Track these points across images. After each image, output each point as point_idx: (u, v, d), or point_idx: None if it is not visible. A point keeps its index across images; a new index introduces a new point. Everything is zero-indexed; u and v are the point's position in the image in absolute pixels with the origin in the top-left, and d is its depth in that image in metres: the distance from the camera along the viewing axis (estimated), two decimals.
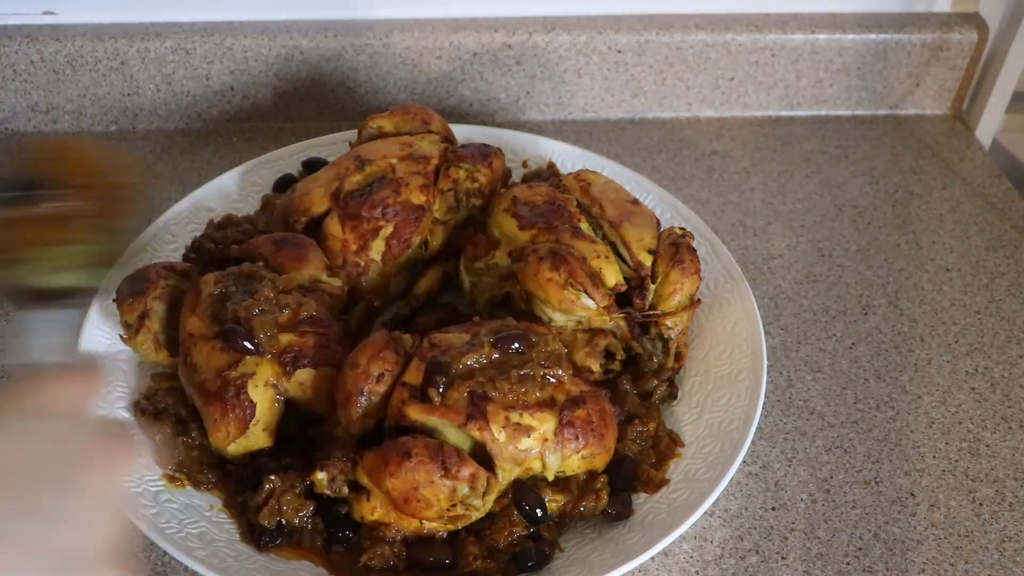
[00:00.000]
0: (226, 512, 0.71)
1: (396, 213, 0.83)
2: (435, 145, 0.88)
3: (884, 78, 1.14)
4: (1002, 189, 1.06)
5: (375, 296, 0.84)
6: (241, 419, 0.70)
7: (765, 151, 1.11)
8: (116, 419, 0.61)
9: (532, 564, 0.68)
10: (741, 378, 0.78)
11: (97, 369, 0.45)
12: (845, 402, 0.83)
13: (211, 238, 0.88)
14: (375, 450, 0.67)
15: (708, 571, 0.71)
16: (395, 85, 1.10)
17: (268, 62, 1.07)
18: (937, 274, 0.96)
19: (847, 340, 0.89)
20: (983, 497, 0.76)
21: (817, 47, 1.11)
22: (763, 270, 0.96)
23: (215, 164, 1.06)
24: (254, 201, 0.95)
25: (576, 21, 1.09)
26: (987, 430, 0.81)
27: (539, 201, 0.84)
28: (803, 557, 0.72)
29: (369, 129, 0.92)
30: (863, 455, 0.79)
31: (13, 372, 0.80)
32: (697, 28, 1.09)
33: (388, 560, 0.68)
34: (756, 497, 0.76)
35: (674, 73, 1.12)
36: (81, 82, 1.07)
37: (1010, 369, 0.87)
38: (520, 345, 0.71)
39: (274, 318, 0.73)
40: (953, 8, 1.13)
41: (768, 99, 1.15)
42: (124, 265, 0.85)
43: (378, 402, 0.70)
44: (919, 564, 0.72)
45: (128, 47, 1.05)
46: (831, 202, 1.04)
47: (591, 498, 0.70)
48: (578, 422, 0.69)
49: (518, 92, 1.12)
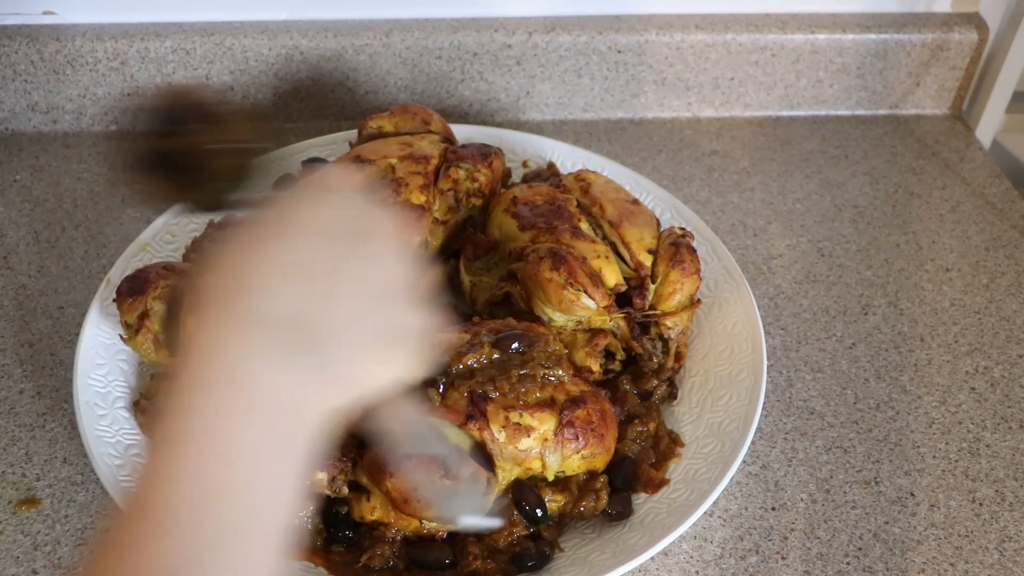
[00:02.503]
0: None
1: (396, 213, 0.83)
2: (435, 145, 0.88)
3: (884, 78, 1.14)
4: (1002, 189, 1.06)
5: None
6: None
7: (765, 151, 1.11)
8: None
9: (532, 564, 0.68)
10: (741, 378, 0.78)
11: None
12: (845, 402, 0.83)
13: (211, 238, 0.88)
14: (375, 450, 0.67)
15: (708, 571, 0.71)
16: (395, 85, 1.10)
17: (268, 62, 1.07)
18: (937, 274, 0.96)
19: (847, 340, 0.89)
20: (983, 497, 0.76)
21: (817, 47, 1.11)
22: (763, 270, 0.96)
23: None
24: None
25: (576, 21, 1.09)
26: (987, 430, 0.81)
27: (539, 201, 0.84)
28: (803, 557, 0.72)
29: (369, 129, 0.92)
30: (863, 455, 0.79)
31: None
32: (697, 28, 1.09)
33: (388, 560, 0.68)
34: (756, 497, 0.76)
35: (674, 73, 1.12)
36: (81, 82, 1.07)
37: (1010, 369, 0.87)
38: (520, 345, 0.71)
39: None
40: (953, 8, 1.13)
41: (768, 99, 1.15)
42: (126, 264, 0.85)
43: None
44: (919, 564, 0.72)
45: (128, 47, 1.05)
46: (831, 202, 1.04)
47: (591, 498, 0.70)
48: (578, 422, 0.69)
49: (518, 92, 1.12)
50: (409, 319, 0.48)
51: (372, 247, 0.48)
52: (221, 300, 0.44)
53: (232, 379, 0.41)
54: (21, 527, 0.72)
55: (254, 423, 0.41)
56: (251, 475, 0.41)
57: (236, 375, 0.42)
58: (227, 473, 0.40)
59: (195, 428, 0.41)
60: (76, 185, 1.04)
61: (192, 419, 0.41)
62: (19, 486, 0.75)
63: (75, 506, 0.74)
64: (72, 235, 0.97)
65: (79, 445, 0.77)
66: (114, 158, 1.04)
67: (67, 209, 1.00)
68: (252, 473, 0.41)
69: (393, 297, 0.48)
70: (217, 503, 0.39)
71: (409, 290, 0.49)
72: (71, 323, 0.88)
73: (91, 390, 0.76)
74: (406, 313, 0.48)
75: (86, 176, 1.05)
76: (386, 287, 0.47)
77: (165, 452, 0.41)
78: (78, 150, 1.08)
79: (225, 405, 0.41)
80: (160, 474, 0.40)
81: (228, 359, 0.42)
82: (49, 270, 0.93)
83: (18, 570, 0.70)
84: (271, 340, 0.42)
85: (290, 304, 0.43)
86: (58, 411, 0.80)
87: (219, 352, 0.42)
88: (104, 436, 0.73)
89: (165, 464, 0.40)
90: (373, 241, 0.48)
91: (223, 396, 0.41)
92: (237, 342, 0.42)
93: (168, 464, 0.40)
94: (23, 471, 0.76)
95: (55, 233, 0.98)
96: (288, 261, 0.45)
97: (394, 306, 0.48)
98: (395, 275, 0.48)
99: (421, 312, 0.49)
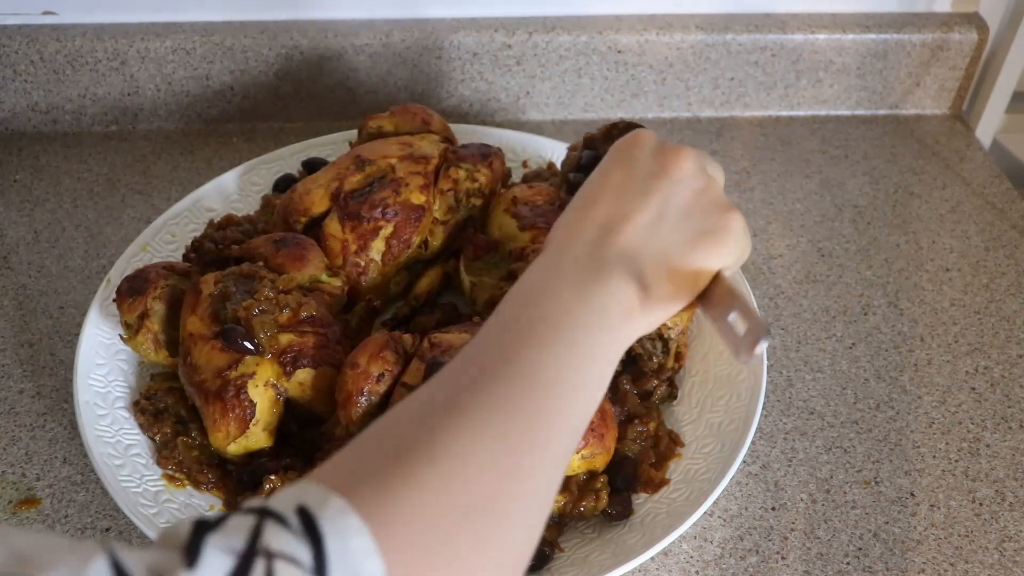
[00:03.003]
0: (226, 512, 0.71)
1: (396, 213, 0.83)
2: (435, 145, 0.88)
3: (884, 78, 1.14)
4: (1002, 189, 1.06)
5: (375, 296, 0.84)
6: (241, 419, 0.70)
7: (765, 151, 1.11)
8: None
9: (532, 564, 0.68)
10: (741, 378, 0.78)
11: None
12: (845, 402, 0.83)
13: (211, 238, 0.88)
14: None
15: (708, 571, 0.71)
16: (395, 85, 1.10)
17: (268, 62, 1.07)
18: (937, 274, 0.96)
19: (847, 340, 0.89)
20: (983, 497, 0.76)
21: (817, 47, 1.11)
22: (763, 270, 0.96)
23: (215, 164, 1.06)
24: (254, 201, 0.95)
25: (576, 21, 1.09)
26: (987, 430, 0.82)
27: (539, 201, 0.84)
28: (803, 557, 0.72)
29: (369, 129, 0.92)
30: (863, 455, 0.79)
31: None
32: (697, 28, 1.09)
33: None
34: (756, 497, 0.76)
35: (674, 73, 1.12)
36: (81, 82, 1.07)
37: (1010, 369, 0.87)
38: None
39: (274, 318, 0.73)
40: (953, 8, 1.13)
41: (768, 99, 1.15)
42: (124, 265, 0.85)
43: (378, 402, 0.70)
44: (919, 564, 0.72)
45: (128, 47, 1.05)
46: (831, 202, 1.04)
47: (591, 498, 0.70)
48: None
49: (518, 92, 1.12)
50: (709, 222, 0.57)
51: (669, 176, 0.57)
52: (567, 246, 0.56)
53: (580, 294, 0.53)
54: (21, 527, 0.72)
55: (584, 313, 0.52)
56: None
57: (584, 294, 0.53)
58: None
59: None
60: (76, 185, 1.04)
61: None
62: (19, 486, 0.75)
63: (75, 506, 0.74)
64: (72, 235, 0.97)
65: (79, 445, 0.77)
66: None
67: (67, 209, 1.01)
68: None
69: (719, 209, 0.57)
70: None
71: (728, 205, 0.58)
72: (71, 323, 0.88)
73: (91, 390, 0.76)
74: (705, 219, 0.57)
75: (86, 176, 1.05)
76: (717, 201, 0.58)
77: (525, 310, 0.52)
78: (78, 150, 1.08)
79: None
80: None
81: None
82: (49, 270, 0.93)
83: None
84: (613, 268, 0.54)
85: (625, 237, 0.55)
86: (58, 411, 0.81)
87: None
88: (104, 436, 0.73)
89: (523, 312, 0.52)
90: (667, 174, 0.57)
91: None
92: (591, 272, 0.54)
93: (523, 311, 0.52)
94: (23, 471, 0.76)
95: (55, 233, 0.98)
96: (606, 215, 0.56)
97: (700, 212, 0.57)
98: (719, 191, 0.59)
99: (725, 212, 0.57)
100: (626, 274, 0.54)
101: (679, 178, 0.57)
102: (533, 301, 0.52)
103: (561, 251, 0.55)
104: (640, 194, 0.56)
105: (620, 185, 0.57)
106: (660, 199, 0.56)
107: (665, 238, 0.55)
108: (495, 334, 0.51)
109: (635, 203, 0.56)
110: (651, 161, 0.58)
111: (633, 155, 0.59)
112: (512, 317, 0.52)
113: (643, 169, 0.58)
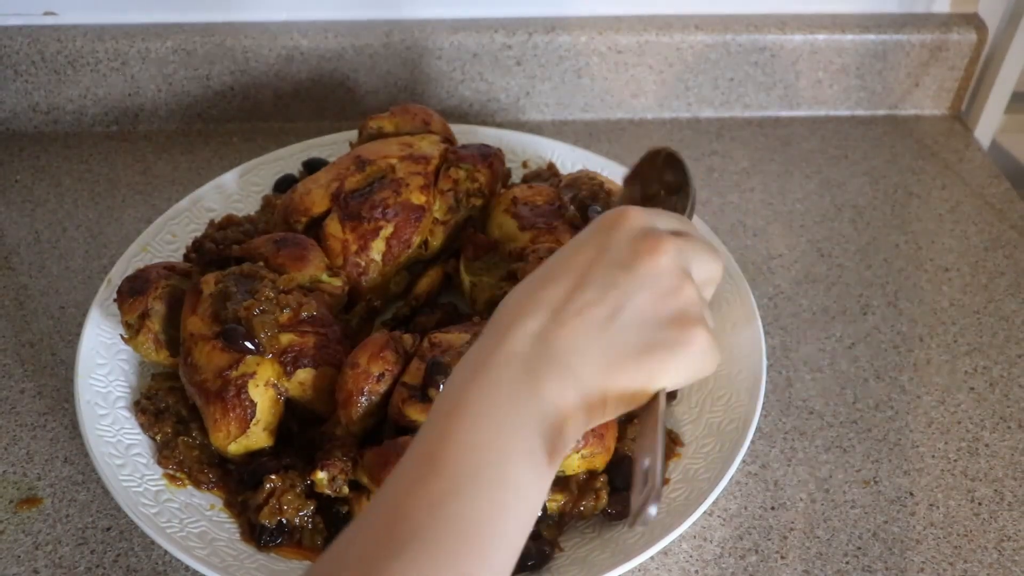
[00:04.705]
0: (227, 512, 0.71)
1: (396, 213, 0.83)
2: (435, 145, 0.88)
3: (883, 78, 1.14)
4: (1001, 189, 1.06)
5: (375, 296, 0.84)
6: (242, 419, 0.70)
7: (765, 151, 1.11)
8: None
9: (532, 563, 0.68)
10: (741, 378, 0.78)
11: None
12: (844, 402, 0.84)
13: (211, 238, 0.88)
14: (375, 449, 0.67)
15: (708, 571, 0.71)
16: (395, 85, 1.10)
17: (268, 62, 1.07)
18: (936, 274, 0.96)
19: (847, 340, 0.89)
20: (982, 496, 0.77)
21: (817, 47, 1.11)
22: (763, 270, 0.96)
23: (215, 164, 1.06)
24: (254, 201, 0.95)
25: (576, 21, 1.09)
26: (986, 430, 0.82)
27: (539, 201, 0.84)
28: (802, 556, 0.72)
29: (369, 129, 0.92)
30: (862, 455, 0.79)
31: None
32: (697, 28, 1.09)
33: None
34: (756, 497, 0.76)
35: (674, 73, 1.12)
36: (82, 82, 1.07)
37: (1009, 369, 0.87)
38: None
39: (275, 318, 0.73)
40: (952, 8, 1.13)
41: (768, 99, 1.15)
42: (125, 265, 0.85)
43: (378, 402, 0.70)
44: (918, 563, 0.72)
45: (129, 47, 1.05)
46: (831, 202, 1.05)
47: (591, 498, 0.70)
48: None
49: (518, 92, 1.12)
50: (665, 333, 0.52)
51: (634, 275, 0.52)
52: (499, 333, 0.51)
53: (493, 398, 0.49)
54: (22, 526, 0.72)
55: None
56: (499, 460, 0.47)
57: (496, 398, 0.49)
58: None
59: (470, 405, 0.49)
60: (77, 185, 1.04)
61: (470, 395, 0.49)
62: (20, 485, 0.75)
63: (76, 505, 0.74)
64: (73, 235, 0.98)
65: (80, 445, 0.77)
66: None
67: (68, 209, 1.01)
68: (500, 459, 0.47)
69: (651, 317, 0.52)
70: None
71: (674, 307, 0.52)
72: (72, 323, 0.88)
73: (92, 390, 0.76)
74: (661, 328, 0.52)
75: (87, 176, 1.05)
76: (644, 307, 0.52)
77: (445, 421, 0.49)
78: (79, 150, 1.08)
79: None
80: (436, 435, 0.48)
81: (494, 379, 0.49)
82: (50, 270, 0.93)
83: (19, 569, 0.70)
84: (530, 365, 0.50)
85: (563, 340, 0.50)
86: (59, 411, 0.81)
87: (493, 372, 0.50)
88: (105, 436, 0.73)
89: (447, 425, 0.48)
90: (635, 271, 0.52)
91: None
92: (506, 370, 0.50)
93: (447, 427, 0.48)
94: (24, 470, 0.76)
95: (56, 233, 0.98)
96: (558, 298, 0.52)
97: (655, 320, 0.52)
98: (656, 295, 0.52)
99: (689, 323, 0.52)
100: (562, 381, 0.49)
101: (646, 275, 0.52)
102: (460, 413, 0.48)
103: (500, 343, 0.50)
104: (600, 286, 0.51)
105: (584, 268, 0.53)
106: (618, 296, 0.51)
107: (613, 340, 0.50)
108: (420, 464, 0.47)
109: (591, 294, 0.51)
110: (625, 249, 0.53)
111: (611, 237, 0.54)
112: (438, 437, 0.48)
113: (614, 256, 0.53)
